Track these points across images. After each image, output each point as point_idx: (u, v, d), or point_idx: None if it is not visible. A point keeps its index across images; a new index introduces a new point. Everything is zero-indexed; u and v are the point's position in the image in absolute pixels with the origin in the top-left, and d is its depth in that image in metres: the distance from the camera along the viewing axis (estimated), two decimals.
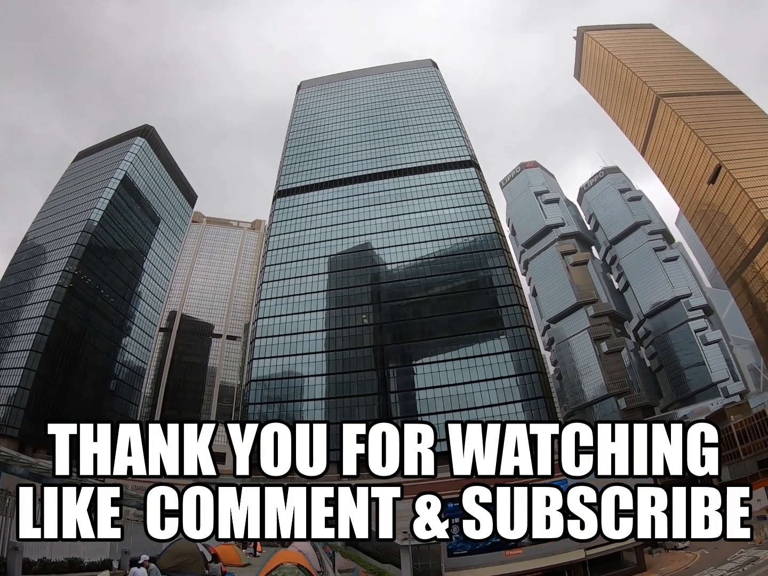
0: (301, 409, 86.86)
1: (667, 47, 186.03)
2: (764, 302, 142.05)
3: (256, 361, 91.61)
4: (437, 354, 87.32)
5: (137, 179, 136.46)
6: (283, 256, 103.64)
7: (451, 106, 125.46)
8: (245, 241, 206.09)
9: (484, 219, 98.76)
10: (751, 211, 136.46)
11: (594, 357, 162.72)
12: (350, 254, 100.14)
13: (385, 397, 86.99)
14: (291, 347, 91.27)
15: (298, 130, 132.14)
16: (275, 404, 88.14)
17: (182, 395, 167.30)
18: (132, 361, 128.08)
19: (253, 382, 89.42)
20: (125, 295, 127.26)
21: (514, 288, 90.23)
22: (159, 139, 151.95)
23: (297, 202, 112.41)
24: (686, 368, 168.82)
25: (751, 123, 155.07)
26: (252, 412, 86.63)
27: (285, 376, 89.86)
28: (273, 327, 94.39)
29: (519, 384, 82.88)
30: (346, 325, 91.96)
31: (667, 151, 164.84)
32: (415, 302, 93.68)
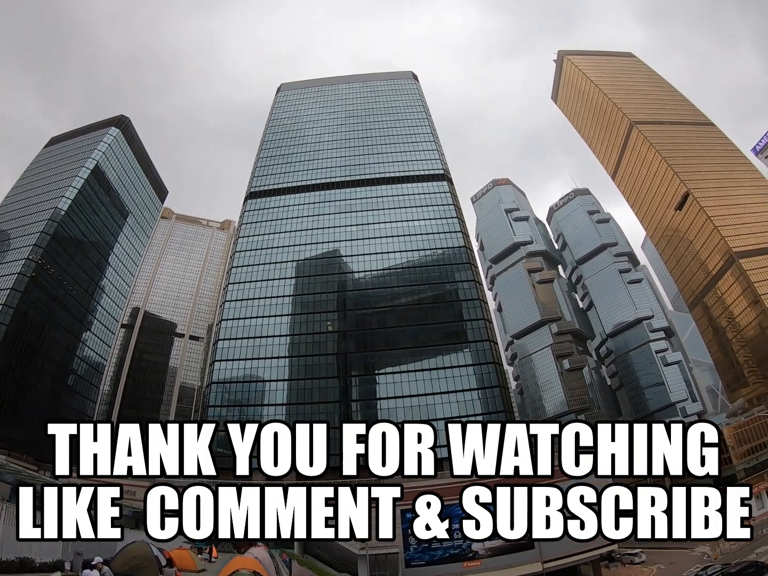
0: (261, 414, 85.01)
1: (644, 76, 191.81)
2: (724, 327, 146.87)
3: (218, 363, 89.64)
4: (400, 364, 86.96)
5: (108, 170, 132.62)
6: (251, 259, 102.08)
7: (428, 119, 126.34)
8: (213, 241, 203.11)
9: (453, 233, 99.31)
10: (715, 239, 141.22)
11: (556, 373, 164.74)
12: (318, 260, 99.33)
13: (347, 405, 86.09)
14: (254, 351, 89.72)
15: (274, 132, 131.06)
16: (236, 408, 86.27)
17: (141, 394, 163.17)
18: (92, 357, 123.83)
19: (214, 384, 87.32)
20: (88, 288, 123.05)
21: (480, 302, 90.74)
22: (134, 131, 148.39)
23: (268, 204, 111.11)
24: (646, 388, 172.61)
25: (720, 154, 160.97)
26: (212, 415, 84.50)
27: (247, 380, 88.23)
28: (237, 329, 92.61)
29: (481, 397, 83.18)
30: (310, 331, 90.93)
31: (638, 177, 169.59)
32: (380, 312, 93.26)
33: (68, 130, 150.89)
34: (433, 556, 54.52)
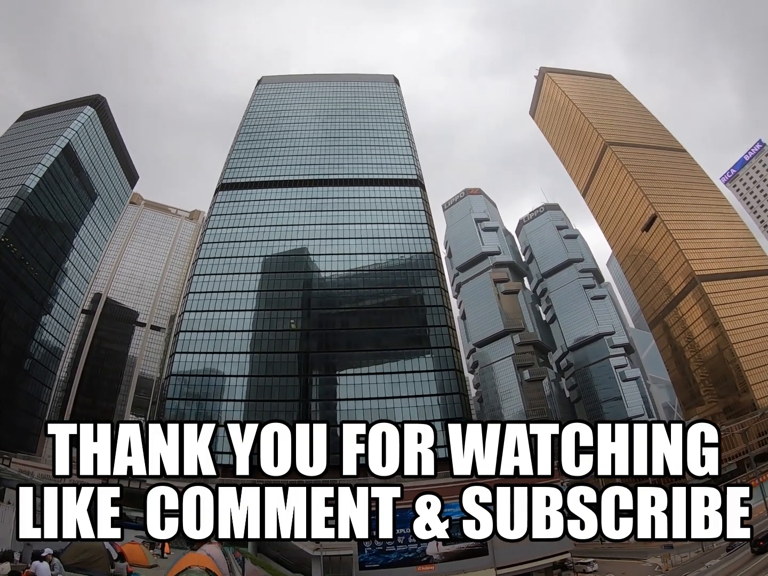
0: (219, 409, 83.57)
1: (622, 99, 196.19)
2: (683, 346, 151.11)
3: (178, 354, 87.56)
4: (362, 366, 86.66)
5: (80, 150, 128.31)
6: (218, 251, 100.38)
7: (406, 124, 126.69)
8: (181, 230, 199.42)
9: (422, 238, 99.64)
10: (679, 261, 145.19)
11: (516, 383, 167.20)
12: (285, 257, 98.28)
13: (306, 405, 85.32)
14: (215, 344, 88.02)
15: (250, 125, 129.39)
16: (194, 401, 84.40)
17: (99, 382, 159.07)
18: (50, 342, 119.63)
19: (173, 377, 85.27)
20: (51, 270, 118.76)
21: (444, 309, 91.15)
22: (109, 112, 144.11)
23: (239, 197, 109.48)
24: (604, 401, 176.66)
25: (690, 180, 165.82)
26: (169, 408, 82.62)
27: (206, 374, 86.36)
28: (199, 322, 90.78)
29: (440, 403, 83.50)
30: (273, 328, 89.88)
31: (608, 196, 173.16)
32: (344, 313, 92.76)
33: (43, 105, 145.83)
34: (387, 559, 54.47)
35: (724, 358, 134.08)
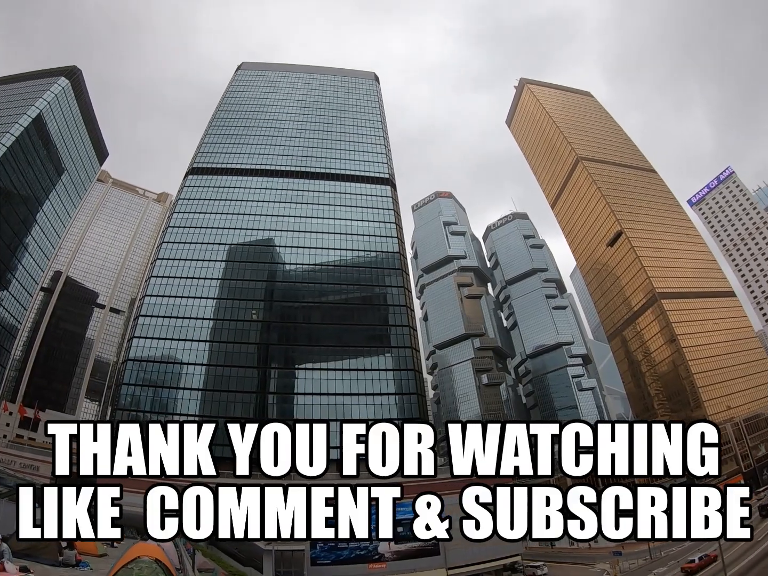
0: (176, 397, 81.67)
1: (597, 116, 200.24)
2: (640, 360, 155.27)
3: (136, 339, 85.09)
4: (321, 361, 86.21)
5: (50, 121, 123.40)
6: (184, 236, 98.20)
7: (382, 122, 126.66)
8: (148, 212, 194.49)
9: (389, 237, 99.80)
10: (641, 278, 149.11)
11: (474, 387, 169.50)
12: (251, 247, 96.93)
13: (263, 397, 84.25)
14: (175, 331, 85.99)
15: (226, 110, 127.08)
16: (150, 388, 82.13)
17: (54, 364, 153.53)
18: (5, 318, 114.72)
19: (130, 362, 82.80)
20: (11, 244, 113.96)
21: (407, 309, 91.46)
22: (83, 85, 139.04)
23: (209, 183, 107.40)
24: (559, 409, 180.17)
25: (658, 200, 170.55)
26: (125, 393, 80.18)
27: (164, 360, 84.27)
28: (160, 307, 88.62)
29: (398, 402, 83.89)
30: (234, 318, 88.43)
31: (576, 209, 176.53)
32: (306, 306, 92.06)
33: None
34: (339, 555, 54.63)
35: (679, 373, 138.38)
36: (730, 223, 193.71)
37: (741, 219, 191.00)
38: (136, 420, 79.27)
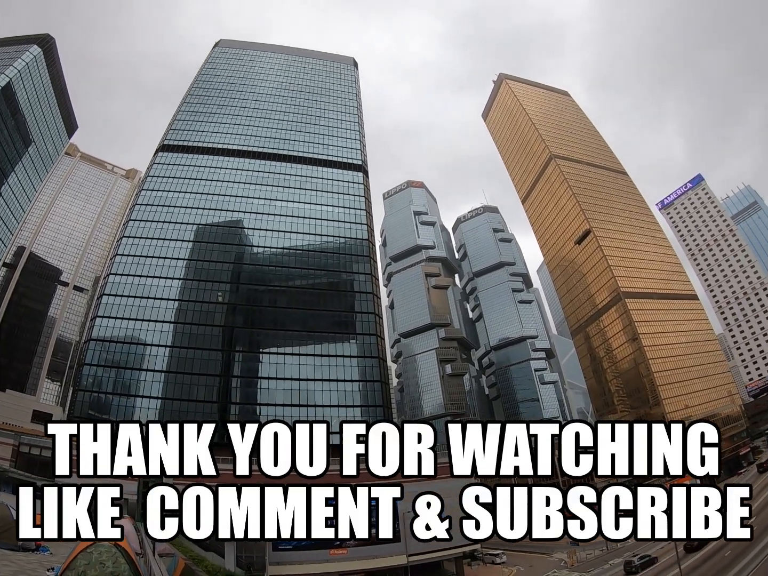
0: (138, 379, 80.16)
1: (573, 115, 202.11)
2: (602, 356, 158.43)
3: (99, 319, 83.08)
4: (286, 346, 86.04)
5: (20, 91, 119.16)
6: (152, 214, 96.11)
7: (358, 108, 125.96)
8: (115, 189, 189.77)
9: (359, 224, 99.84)
10: (606, 276, 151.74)
11: (437, 377, 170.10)
12: (220, 228, 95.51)
13: (227, 380, 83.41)
14: (139, 311, 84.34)
15: (201, 88, 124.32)
16: (113, 369, 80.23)
17: (15, 342, 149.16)
18: None
19: (93, 342, 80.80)
20: None
21: (374, 297, 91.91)
22: (56, 55, 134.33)
23: (179, 161, 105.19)
24: (521, 401, 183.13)
25: (627, 202, 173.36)
26: (86, 374, 78.27)
27: (127, 341, 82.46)
28: (124, 286, 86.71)
29: (361, 389, 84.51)
30: (199, 299, 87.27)
31: (546, 205, 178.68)
32: (273, 290, 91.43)
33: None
34: (300, 541, 53.18)
35: (640, 371, 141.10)
36: (696, 228, 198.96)
37: (708, 225, 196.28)
38: (97, 402, 78.15)
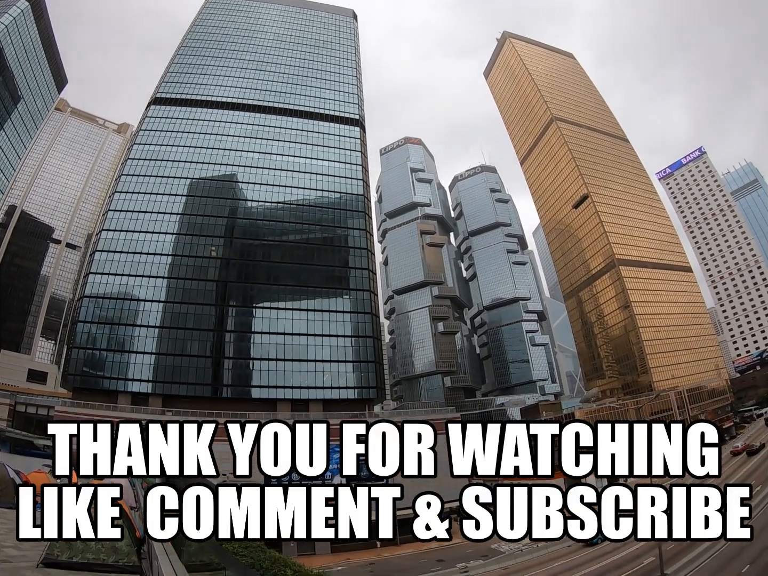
0: (132, 335, 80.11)
1: (577, 78, 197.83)
2: (593, 322, 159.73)
3: (92, 275, 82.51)
4: (279, 301, 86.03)
5: (7, 47, 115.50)
6: (144, 169, 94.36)
7: (357, 61, 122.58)
8: (107, 144, 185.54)
9: (355, 180, 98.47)
10: (602, 242, 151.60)
11: (429, 334, 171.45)
12: (213, 182, 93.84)
13: (221, 335, 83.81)
14: (132, 267, 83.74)
15: (195, 39, 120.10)
16: (106, 325, 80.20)
17: (8, 302, 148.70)
18: None
19: (86, 299, 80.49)
20: None
21: (368, 253, 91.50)
22: (44, 8, 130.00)
23: (172, 114, 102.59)
24: (512, 362, 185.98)
25: (627, 169, 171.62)
26: (80, 331, 78.30)
27: (121, 297, 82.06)
28: (117, 242, 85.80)
29: (354, 345, 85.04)
30: (193, 254, 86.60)
31: (545, 168, 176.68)
32: (267, 244, 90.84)
33: None
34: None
35: (630, 339, 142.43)
36: (695, 201, 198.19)
37: (706, 199, 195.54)
38: (92, 359, 78.42)
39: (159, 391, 76.79)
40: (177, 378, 78.11)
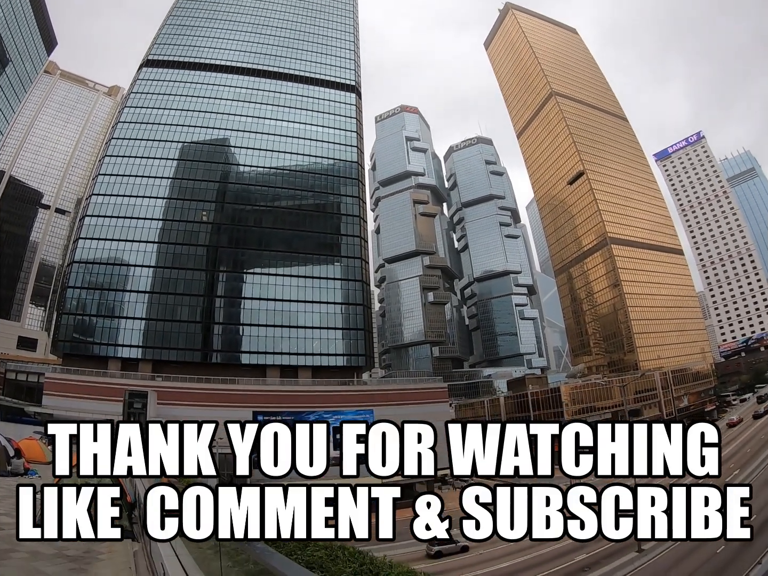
0: (122, 300, 79.76)
1: (579, 54, 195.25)
2: (582, 298, 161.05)
3: (82, 240, 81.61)
4: (270, 267, 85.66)
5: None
6: (135, 132, 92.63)
7: (355, 27, 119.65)
8: (97, 107, 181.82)
9: (349, 146, 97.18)
10: (595, 220, 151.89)
11: (419, 304, 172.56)
12: (205, 146, 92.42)
13: (210, 301, 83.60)
14: (122, 232, 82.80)
15: (188, 0, 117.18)
16: (96, 291, 79.69)
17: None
18: None
19: (76, 264, 79.68)
20: None
21: (360, 220, 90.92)
22: None
23: (165, 76, 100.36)
24: (500, 334, 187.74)
25: (625, 148, 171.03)
26: (70, 297, 77.74)
27: (111, 262, 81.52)
28: (107, 206, 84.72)
29: (343, 312, 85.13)
30: (183, 219, 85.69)
31: (542, 142, 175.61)
32: (259, 210, 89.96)
33: None
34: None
35: (618, 317, 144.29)
36: (691, 184, 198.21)
37: (702, 183, 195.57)
38: (82, 325, 78.13)
39: (149, 357, 76.83)
40: (167, 343, 78.07)
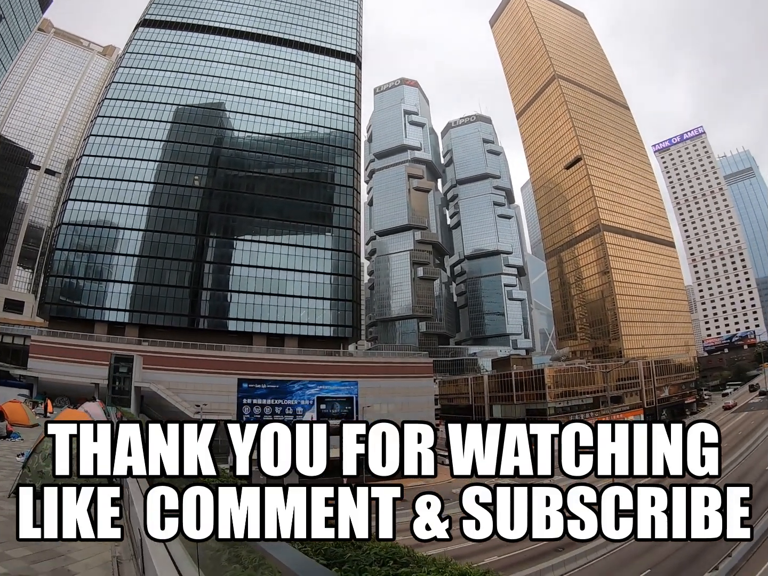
0: (110, 263, 79.16)
1: (585, 38, 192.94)
2: (571, 283, 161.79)
3: (71, 202, 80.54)
4: (260, 234, 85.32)
5: None
6: (128, 93, 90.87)
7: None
8: (91, 66, 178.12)
9: (346, 116, 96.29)
10: (589, 206, 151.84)
11: (408, 278, 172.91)
12: (200, 109, 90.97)
13: (200, 266, 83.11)
14: (112, 194, 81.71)
15: None
16: (84, 254, 78.75)
17: None
18: None
19: (64, 226, 78.68)
20: None
21: (353, 191, 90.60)
22: None
23: (161, 37, 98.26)
24: (487, 314, 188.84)
25: (624, 136, 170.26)
26: (58, 259, 76.99)
27: (100, 225, 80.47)
28: (98, 168, 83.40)
29: (332, 283, 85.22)
30: (175, 183, 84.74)
31: (541, 124, 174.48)
32: (251, 176, 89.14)
33: None
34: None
35: (605, 304, 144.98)
36: (687, 178, 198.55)
37: (699, 178, 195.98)
38: (69, 287, 77.59)
39: (136, 321, 76.66)
40: (154, 308, 77.80)
